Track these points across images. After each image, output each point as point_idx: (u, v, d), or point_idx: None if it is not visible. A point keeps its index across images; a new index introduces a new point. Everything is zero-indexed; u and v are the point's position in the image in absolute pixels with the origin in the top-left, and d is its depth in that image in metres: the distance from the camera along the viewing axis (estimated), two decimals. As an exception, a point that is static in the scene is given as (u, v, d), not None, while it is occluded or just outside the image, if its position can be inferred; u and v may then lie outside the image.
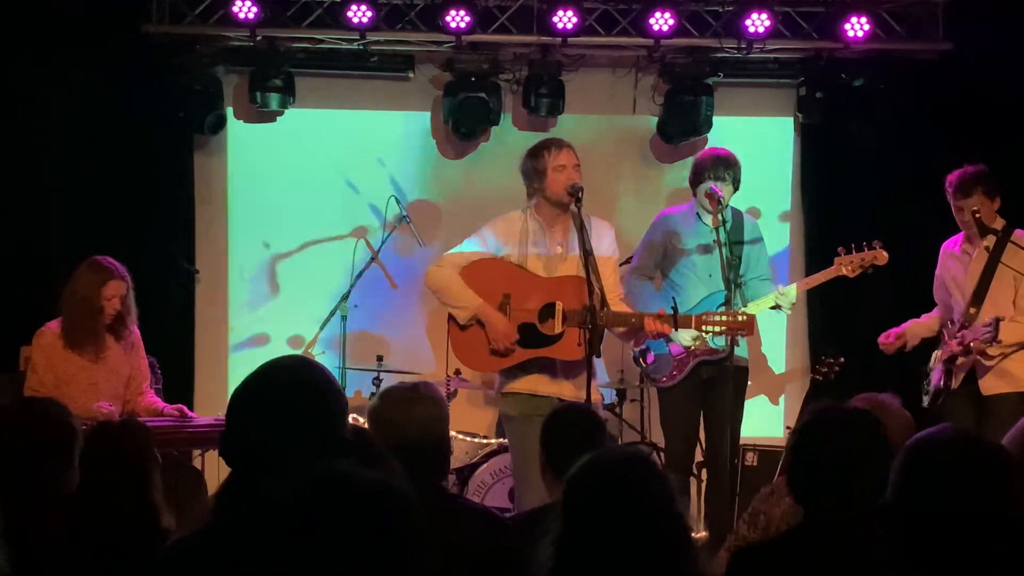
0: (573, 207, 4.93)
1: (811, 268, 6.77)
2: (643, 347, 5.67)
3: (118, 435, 3.46)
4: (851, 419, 2.69)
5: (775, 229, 7.16)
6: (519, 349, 4.97)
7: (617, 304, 5.01)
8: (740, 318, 4.96)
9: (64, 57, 6.84)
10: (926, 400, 5.51)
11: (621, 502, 2.26)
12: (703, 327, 4.96)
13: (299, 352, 6.79)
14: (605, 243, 5.12)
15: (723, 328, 4.95)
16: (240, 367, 7.24)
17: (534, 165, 5.09)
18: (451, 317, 5.07)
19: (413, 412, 3.16)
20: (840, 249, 5.53)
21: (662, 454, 6.12)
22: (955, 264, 5.57)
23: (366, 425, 3.27)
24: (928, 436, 2.40)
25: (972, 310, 5.38)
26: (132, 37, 6.74)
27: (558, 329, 4.91)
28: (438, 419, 3.23)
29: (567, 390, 4.94)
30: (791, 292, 5.60)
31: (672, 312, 4.92)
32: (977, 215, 5.28)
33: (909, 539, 2.28)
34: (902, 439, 3.38)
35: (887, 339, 5.64)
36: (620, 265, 5.43)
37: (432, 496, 3.07)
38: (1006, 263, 5.32)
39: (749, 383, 5.89)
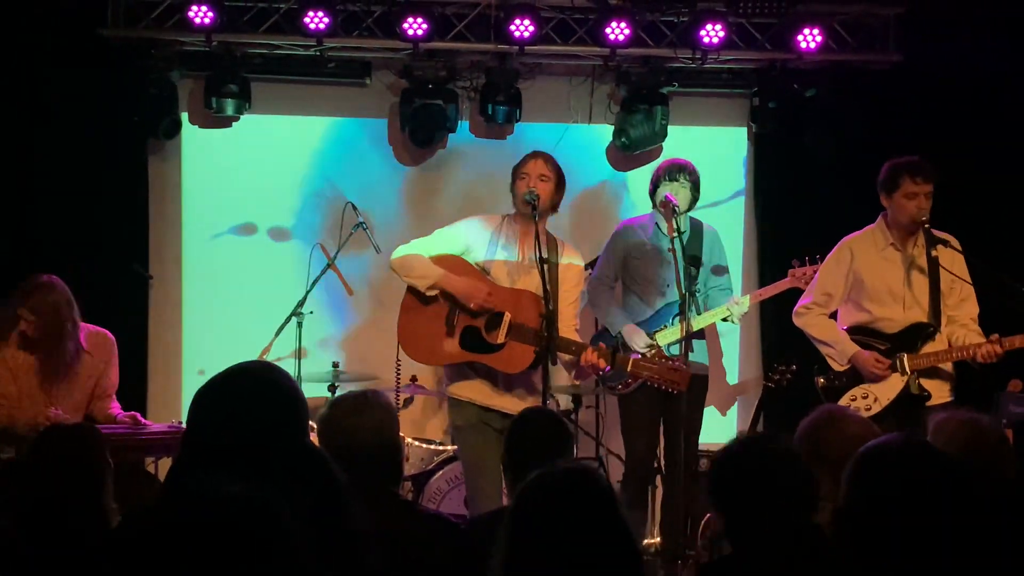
0: (532, 215, 4.97)
1: (764, 277, 6.84)
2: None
3: (69, 438, 3.44)
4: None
5: (728, 238, 7.20)
6: (459, 350, 5.00)
7: (570, 334, 5.04)
8: (677, 369, 4.93)
9: (17, 59, 6.78)
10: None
11: (566, 518, 2.27)
12: (639, 370, 4.95)
13: (254, 357, 6.75)
14: (572, 273, 5.17)
15: (657, 378, 4.93)
16: (194, 374, 7.20)
17: (512, 172, 5.19)
18: (405, 300, 5.10)
19: (363, 420, 3.17)
20: (795, 261, 5.60)
21: (619, 461, 6.17)
22: (883, 263, 5.43)
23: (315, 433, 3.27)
24: (879, 444, 2.42)
25: (928, 324, 5.34)
26: (87, 40, 6.70)
27: (500, 339, 4.94)
28: (389, 426, 3.24)
29: (509, 403, 4.97)
30: (743, 304, 5.65)
31: (613, 349, 4.98)
32: (927, 224, 5.32)
33: (859, 546, 2.30)
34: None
35: (886, 369, 5.37)
36: (584, 268, 5.48)
37: (385, 503, 3.08)
38: (946, 267, 5.33)
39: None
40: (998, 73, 6.83)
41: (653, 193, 5.76)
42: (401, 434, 3.48)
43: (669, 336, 5.62)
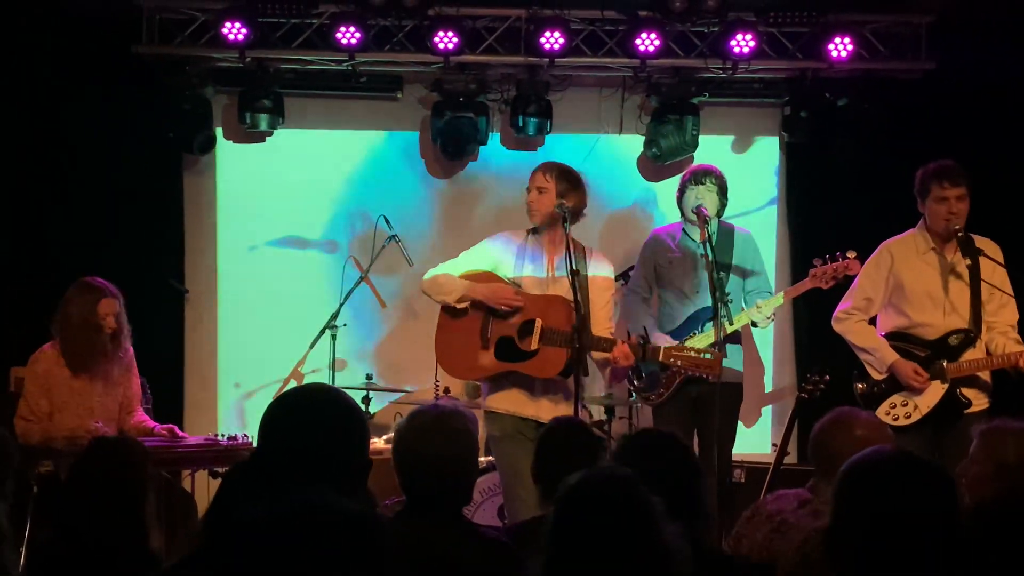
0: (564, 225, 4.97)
1: (797, 286, 6.81)
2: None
3: (114, 451, 3.47)
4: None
5: (761, 247, 7.21)
6: (495, 361, 5.01)
7: (604, 335, 5.02)
8: (707, 355, 4.93)
9: (54, 77, 6.88)
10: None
11: (609, 523, 2.27)
12: (670, 359, 4.95)
13: (289, 370, 6.82)
14: (600, 282, 5.16)
15: (689, 365, 4.93)
16: (230, 387, 7.27)
17: None
18: (440, 319, 5.12)
19: (438, 438, 3.10)
20: (816, 261, 5.54)
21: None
22: (923, 268, 5.39)
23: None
24: (865, 457, 2.36)
25: (968, 330, 5.30)
26: (123, 58, 6.78)
27: (534, 346, 4.95)
28: (463, 447, 3.17)
29: (544, 411, 4.98)
30: (765, 307, 5.63)
31: (643, 341, 4.98)
32: (960, 233, 5.29)
33: (850, 562, 2.25)
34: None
35: (924, 381, 5.32)
36: (616, 279, 5.48)
37: (447, 523, 3.07)
38: (986, 279, 5.30)
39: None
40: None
41: (680, 199, 5.77)
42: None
43: (699, 343, 5.59)
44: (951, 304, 5.34)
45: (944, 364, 5.30)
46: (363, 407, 6.42)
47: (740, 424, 6.00)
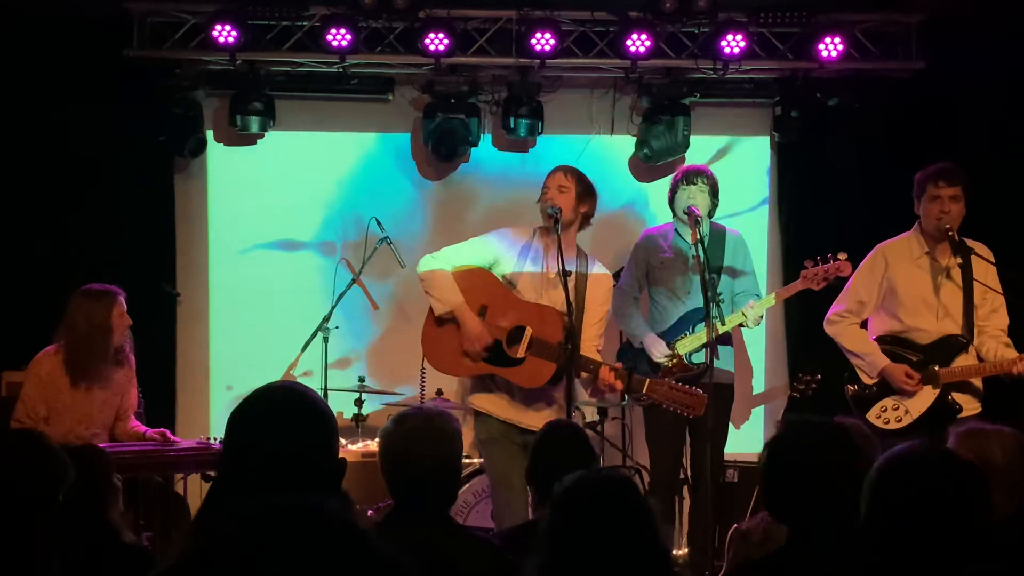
0: (555, 228, 4.98)
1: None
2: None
3: (77, 458, 3.47)
4: (823, 432, 2.74)
5: (752, 248, 7.21)
6: (480, 362, 5.01)
7: (591, 353, 5.02)
8: (694, 382, 4.92)
9: (44, 80, 6.86)
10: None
11: (607, 526, 2.28)
12: (653, 392, 4.90)
13: (281, 373, 6.80)
14: (601, 289, 5.16)
15: (670, 400, 4.89)
16: (222, 390, 7.26)
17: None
18: (430, 310, 5.12)
19: (425, 442, 3.11)
20: (807, 262, 5.54)
21: (645, 473, 6.16)
22: (917, 272, 5.39)
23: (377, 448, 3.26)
24: (900, 453, 2.39)
25: (961, 336, 5.30)
26: (113, 61, 6.77)
27: (520, 354, 4.94)
28: (450, 451, 3.17)
29: (527, 417, 4.98)
30: (758, 307, 5.63)
31: (630, 370, 4.96)
32: (950, 232, 5.29)
33: (885, 558, 2.27)
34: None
35: (916, 383, 5.33)
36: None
37: (436, 525, 3.08)
38: (979, 279, 5.32)
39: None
40: (1021, 80, 6.80)
41: (672, 200, 5.78)
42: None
43: (690, 344, 5.61)
44: (944, 309, 5.35)
45: (936, 369, 5.31)
46: (356, 409, 6.42)
47: (730, 424, 6.00)
